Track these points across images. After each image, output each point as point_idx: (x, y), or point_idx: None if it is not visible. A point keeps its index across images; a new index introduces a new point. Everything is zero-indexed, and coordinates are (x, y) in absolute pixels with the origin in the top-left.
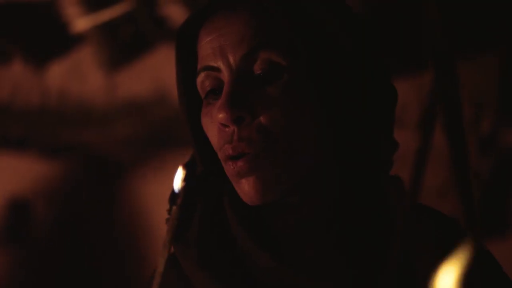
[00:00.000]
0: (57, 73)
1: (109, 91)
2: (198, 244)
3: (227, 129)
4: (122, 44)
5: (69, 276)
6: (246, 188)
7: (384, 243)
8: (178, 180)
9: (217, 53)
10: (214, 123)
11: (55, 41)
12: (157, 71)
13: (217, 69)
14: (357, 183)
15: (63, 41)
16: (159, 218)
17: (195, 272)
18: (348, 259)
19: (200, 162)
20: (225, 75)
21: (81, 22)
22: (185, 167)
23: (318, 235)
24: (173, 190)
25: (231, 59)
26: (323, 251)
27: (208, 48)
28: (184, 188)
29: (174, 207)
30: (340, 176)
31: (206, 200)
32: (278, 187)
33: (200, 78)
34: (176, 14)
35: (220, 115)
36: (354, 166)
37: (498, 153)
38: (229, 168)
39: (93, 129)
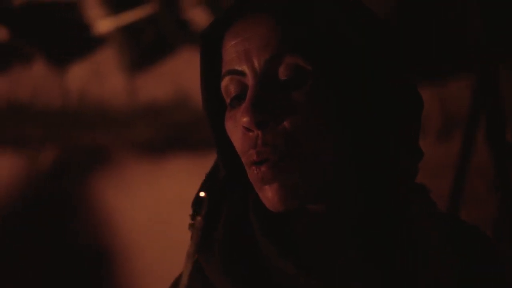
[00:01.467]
0: (78, 75)
1: (129, 94)
2: (222, 251)
3: (251, 133)
4: (144, 47)
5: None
6: (269, 195)
7: (409, 253)
8: (203, 188)
9: (242, 57)
10: (238, 127)
11: (76, 42)
12: (178, 74)
13: (242, 73)
14: (380, 190)
15: (84, 43)
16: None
17: (219, 278)
18: (370, 268)
19: (223, 167)
20: (249, 79)
21: (103, 24)
22: (209, 176)
23: (340, 243)
24: (197, 195)
25: (255, 63)
26: (345, 259)
27: (233, 52)
28: (208, 198)
29: (199, 218)
30: (362, 184)
31: (230, 206)
32: (301, 194)
33: (224, 82)
34: (199, 17)
35: (244, 119)
36: (376, 174)
37: None
38: (253, 174)
39: (112, 131)
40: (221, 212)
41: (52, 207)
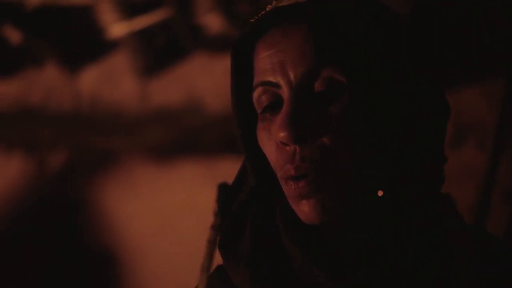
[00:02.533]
0: (90, 78)
1: (141, 98)
2: (250, 261)
3: (287, 148)
4: (157, 52)
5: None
6: (306, 209)
7: (441, 265)
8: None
9: (276, 68)
10: (272, 140)
11: (89, 46)
12: (190, 79)
13: (276, 85)
14: (408, 200)
15: (97, 47)
16: (181, 226)
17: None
18: (402, 280)
19: (253, 176)
20: (285, 92)
21: (116, 28)
22: (222, 189)
23: (372, 253)
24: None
25: (291, 76)
26: (377, 270)
27: (267, 63)
28: (221, 211)
29: (211, 230)
30: (390, 193)
31: (257, 214)
32: (338, 208)
33: (257, 92)
34: (212, 22)
35: (282, 134)
36: (403, 183)
37: None
38: (290, 189)
39: (123, 135)
40: (246, 221)
41: (60, 210)
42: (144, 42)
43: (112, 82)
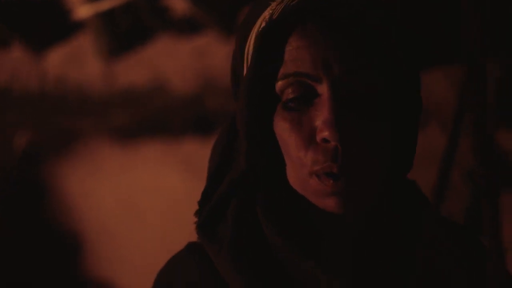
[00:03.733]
0: (56, 60)
1: (107, 79)
2: (232, 245)
3: (328, 144)
4: (122, 33)
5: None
6: (331, 204)
7: (411, 249)
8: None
9: (318, 62)
10: (300, 131)
11: (55, 27)
12: (156, 61)
13: (315, 78)
14: (394, 189)
15: (63, 28)
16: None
17: (231, 274)
18: (382, 265)
19: (245, 162)
20: (325, 87)
21: (82, 10)
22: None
23: (358, 241)
24: (205, 191)
25: (336, 73)
26: (362, 257)
27: (305, 54)
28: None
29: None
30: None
31: (239, 203)
32: (361, 206)
33: (286, 82)
34: (178, 5)
35: (327, 132)
36: (397, 176)
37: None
38: (320, 184)
39: (88, 116)
40: (231, 206)
41: (26, 191)
42: (110, 23)
43: (77, 63)
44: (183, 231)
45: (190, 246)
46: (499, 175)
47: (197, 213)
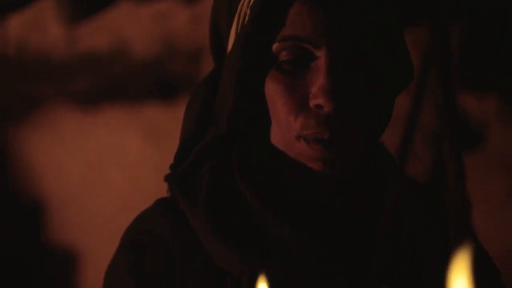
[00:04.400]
0: (17, 25)
1: (68, 44)
2: (208, 203)
3: (321, 110)
4: None
5: None
6: (318, 166)
7: (379, 206)
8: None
9: (319, 28)
10: (292, 94)
11: None
12: (117, 25)
13: (314, 44)
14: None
15: None
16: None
17: (205, 231)
18: (353, 226)
19: (226, 121)
20: (323, 54)
21: None
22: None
23: (333, 203)
24: (179, 152)
25: (335, 40)
26: (336, 219)
27: (307, 19)
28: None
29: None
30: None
31: (218, 163)
32: (346, 171)
33: (284, 44)
34: None
35: (322, 100)
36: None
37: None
38: (310, 149)
39: (49, 81)
40: (206, 165)
41: None
42: None
43: (39, 28)
44: (146, 195)
45: (160, 202)
46: (462, 137)
47: (171, 168)
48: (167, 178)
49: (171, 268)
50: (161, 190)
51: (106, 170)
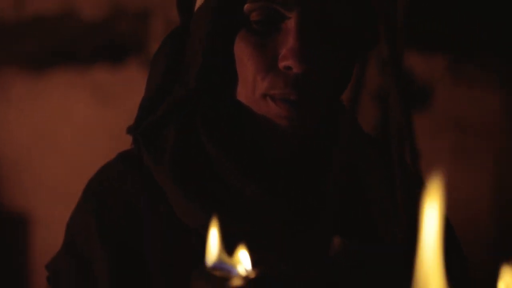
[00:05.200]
0: None
1: (16, 6)
2: (174, 156)
3: (289, 71)
4: None
5: None
6: (284, 124)
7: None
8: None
9: None
10: (262, 54)
11: None
12: None
13: (286, 6)
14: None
15: None
16: (58, 133)
17: (169, 184)
18: (313, 178)
19: (195, 79)
20: (294, 15)
21: None
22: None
23: (296, 159)
24: (143, 101)
25: (307, 3)
26: (298, 174)
27: None
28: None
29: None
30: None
31: (183, 119)
32: (309, 129)
33: (256, 4)
34: None
35: (291, 61)
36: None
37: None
38: (275, 108)
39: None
40: (173, 117)
41: None
42: None
43: None
44: (95, 157)
45: (123, 155)
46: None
47: (136, 122)
48: (131, 131)
49: (133, 219)
50: (111, 151)
51: (55, 133)
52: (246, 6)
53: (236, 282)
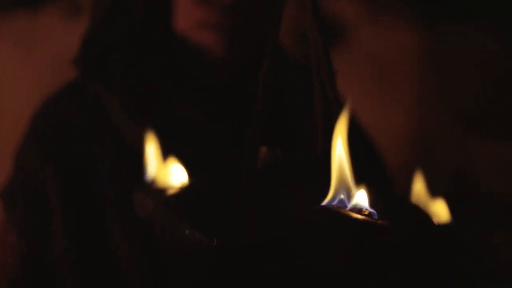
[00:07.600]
0: None
1: None
2: (124, 81)
3: (223, 0)
4: None
5: None
6: (218, 51)
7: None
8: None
9: None
10: None
11: None
12: None
13: None
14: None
15: None
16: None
17: (117, 109)
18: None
19: (143, 10)
20: None
21: None
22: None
23: (231, 84)
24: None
25: None
26: (233, 98)
27: None
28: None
29: None
30: None
31: (128, 51)
32: (246, 54)
33: None
34: None
35: None
36: None
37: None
38: (208, 36)
39: None
40: (113, 55)
41: None
42: None
43: None
44: (18, 105)
45: (67, 86)
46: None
47: (81, 52)
48: (77, 62)
49: (80, 143)
50: (34, 98)
51: None
52: None
53: (171, 191)
